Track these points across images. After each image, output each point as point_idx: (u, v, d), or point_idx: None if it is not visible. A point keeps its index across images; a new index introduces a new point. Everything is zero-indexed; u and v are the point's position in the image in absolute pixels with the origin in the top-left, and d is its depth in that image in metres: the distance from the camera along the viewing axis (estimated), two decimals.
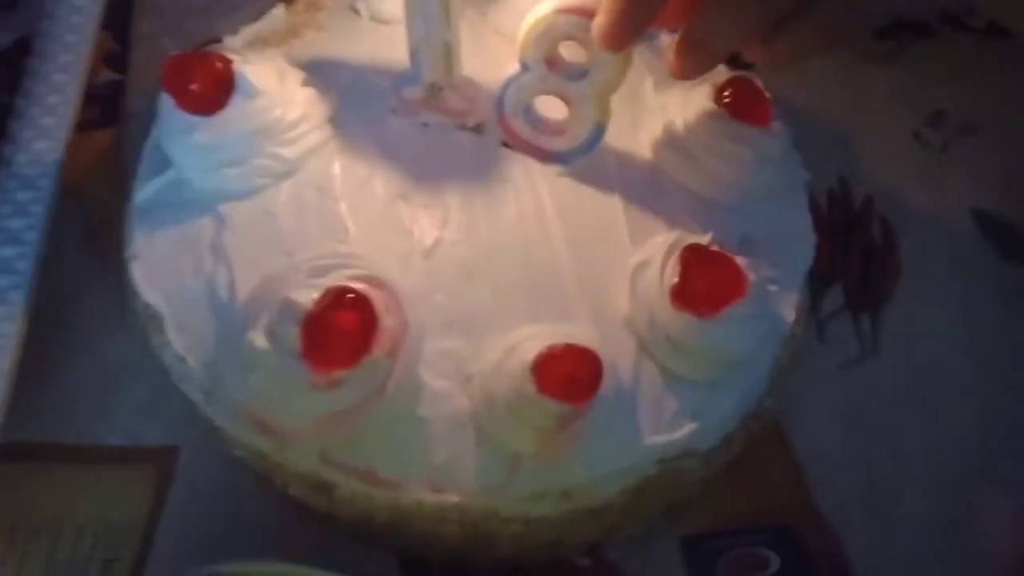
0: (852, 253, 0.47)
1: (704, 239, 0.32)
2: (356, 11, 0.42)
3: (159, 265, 0.33)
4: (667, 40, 0.42)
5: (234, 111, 0.32)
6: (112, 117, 0.47)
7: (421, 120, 0.37)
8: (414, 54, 0.35)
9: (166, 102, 0.33)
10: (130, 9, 0.53)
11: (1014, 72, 0.57)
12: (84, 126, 0.45)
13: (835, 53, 0.56)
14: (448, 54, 0.34)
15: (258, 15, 0.52)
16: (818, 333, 0.42)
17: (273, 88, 0.33)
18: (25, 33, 0.49)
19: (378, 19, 0.41)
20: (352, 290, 0.28)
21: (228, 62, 0.32)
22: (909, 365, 0.42)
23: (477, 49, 0.38)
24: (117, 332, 0.39)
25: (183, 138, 0.33)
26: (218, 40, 0.51)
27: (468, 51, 0.37)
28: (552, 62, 0.33)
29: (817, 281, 0.40)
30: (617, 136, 0.37)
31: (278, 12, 0.42)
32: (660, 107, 0.37)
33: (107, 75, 0.49)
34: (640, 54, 0.42)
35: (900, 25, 0.58)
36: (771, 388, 0.34)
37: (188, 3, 0.54)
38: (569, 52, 0.33)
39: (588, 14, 0.31)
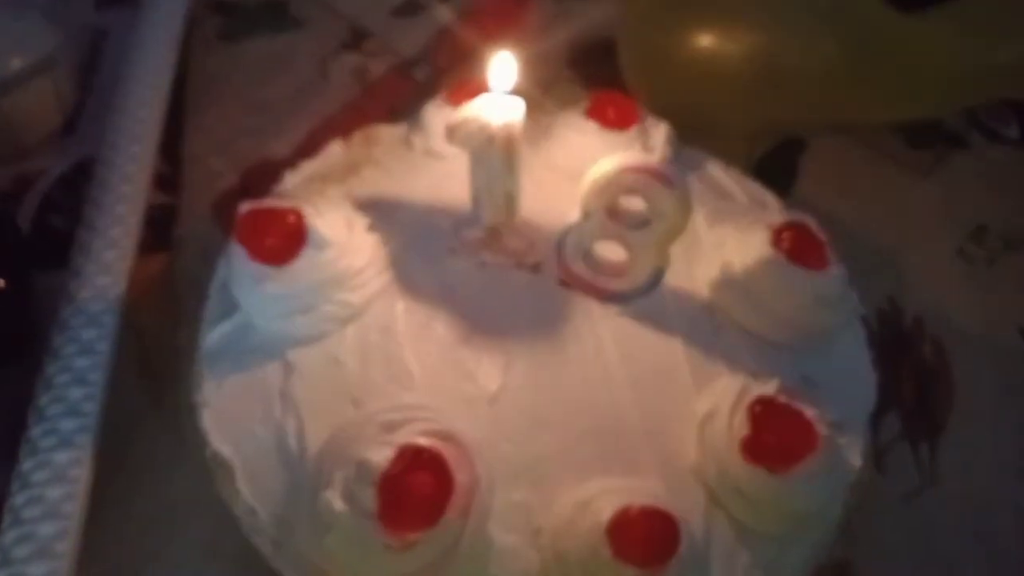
0: (905, 377, 0.46)
1: (771, 388, 0.32)
2: (410, 145, 0.43)
3: (228, 413, 0.33)
4: None
5: (305, 262, 0.33)
6: (163, 240, 0.48)
7: (480, 259, 0.37)
8: (476, 201, 0.36)
9: (237, 252, 0.34)
10: (180, 129, 0.55)
11: None
12: (140, 250, 0.46)
13: (874, 165, 0.57)
14: (509, 201, 0.35)
15: (307, 136, 0.55)
16: (876, 463, 0.42)
17: (341, 238, 0.34)
18: (84, 157, 0.51)
19: (432, 154, 0.42)
20: (427, 450, 0.28)
21: (300, 216, 0.33)
22: (968, 495, 0.42)
23: (530, 183, 0.39)
24: (174, 467, 0.39)
25: (254, 287, 0.33)
26: (269, 163, 0.53)
27: (522, 185, 0.38)
28: (613, 211, 0.34)
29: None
30: (673, 273, 0.37)
31: (336, 148, 0.43)
32: (715, 244, 0.38)
33: (158, 197, 0.50)
34: (689, 183, 0.43)
35: (935, 136, 0.59)
36: (841, 536, 0.33)
37: (237, 123, 0.55)
38: (629, 201, 0.34)
39: (651, 172, 0.32)
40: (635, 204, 0.33)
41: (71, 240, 0.44)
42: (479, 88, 0.41)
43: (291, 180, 0.42)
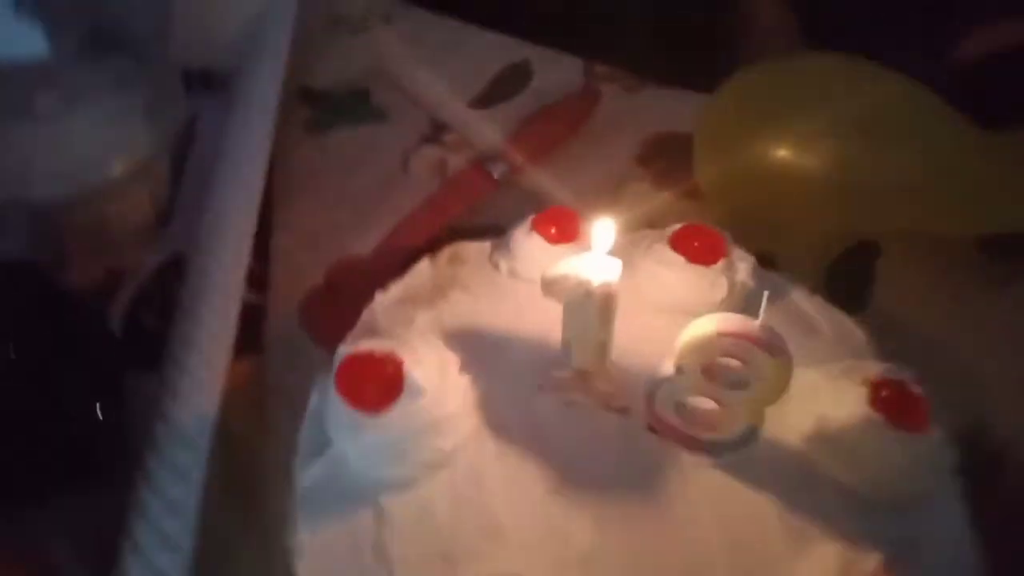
0: (990, 508, 0.45)
1: (872, 563, 0.31)
2: (496, 266, 0.44)
3: (322, 562, 0.33)
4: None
5: (400, 410, 0.33)
6: (250, 342, 0.49)
7: (567, 399, 0.37)
8: (567, 346, 0.36)
9: (333, 396, 0.34)
10: (268, 224, 0.56)
11: None
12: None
13: (951, 274, 0.56)
14: (600, 349, 0.35)
15: (389, 233, 0.56)
16: None
17: (435, 384, 0.34)
18: (177, 250, 0.52)
19: (517, 278, 0.43)
20: None
21: (399, 364, 0.34)
22: None
23: (619, 312, 0.38)
24: None
25: (350, 433, 0.34)
26: (353, 261, 0.54)
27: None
28: (708, 370, 0.33)
29: None
30: (765, 423, 0.37)
31: (423, 268, 0.44)
32: (808, 392, 0.37)
33: (247, 296, 0.51)
34: (770, 315, 0.42)
35: (1012, 247, 0.57)
36: None
37: (322, 217, 0.57)
38: (727, 363, 0.34)
39: (750, 339, 0.32)
40: (733, 365, 0.33)
41: (162, 340, 0.45)
42: (563, 217, 0.42)
43: (381, 302, 0.42)
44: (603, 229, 0.33)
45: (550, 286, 0.33)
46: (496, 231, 0.46)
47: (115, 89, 0.50)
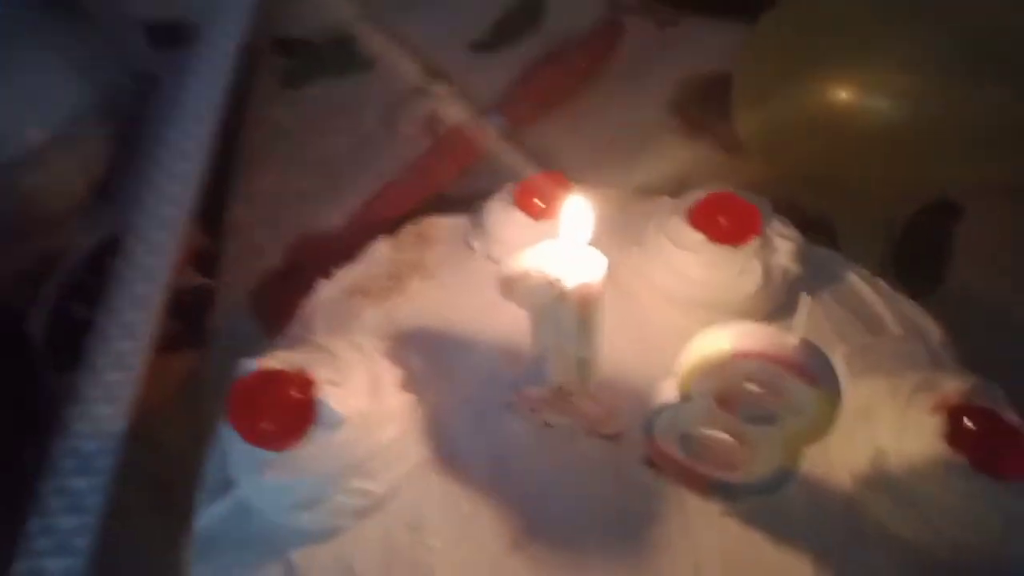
0: None
1: None
2: (470, 246, 0.35)
3: None
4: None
5: (312, 446, 0.26)
6: (196, 334, 0.42)
7: (542, 419, 0.29)
8: (539, 360, 0.27)
9: (232, 432, 0.26)
10: (223, 196, 0.49)
11: None
12: (164, 346, 0.40)
13: None
14: (583, 367, 0.27)
15: (365, 205, 0.48)
16: None
17: (362, 410, 0.27)
18: (115, 230, 0.45)
19: (493, 261, 0.34)
20: None
21: (308, 386, 0.26)
22: None
23: (614, 310, 0.30)
24: None
25: (251, 473, 0.27)
26: (318, 238, 0.46)
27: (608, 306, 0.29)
28: (725, 400, 0.24)
29: None
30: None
31: (382, 252, 0.36)
32: (862, 412, 0.28)
33: (194, 278, 0.43)
34: (824, 306, 0.33)
35: None
36: None
37: (291, 187, 0.49)
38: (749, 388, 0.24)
39: (774, 360, 0.22)
40: (757, 393, 0.24)
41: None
42: (548, 188, 0.33)
43: (325, 294, 0.35)
44: (577, 209, 0.24)
45: (509, 286, 0.25)
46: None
47: (37, 49, 0.43)
